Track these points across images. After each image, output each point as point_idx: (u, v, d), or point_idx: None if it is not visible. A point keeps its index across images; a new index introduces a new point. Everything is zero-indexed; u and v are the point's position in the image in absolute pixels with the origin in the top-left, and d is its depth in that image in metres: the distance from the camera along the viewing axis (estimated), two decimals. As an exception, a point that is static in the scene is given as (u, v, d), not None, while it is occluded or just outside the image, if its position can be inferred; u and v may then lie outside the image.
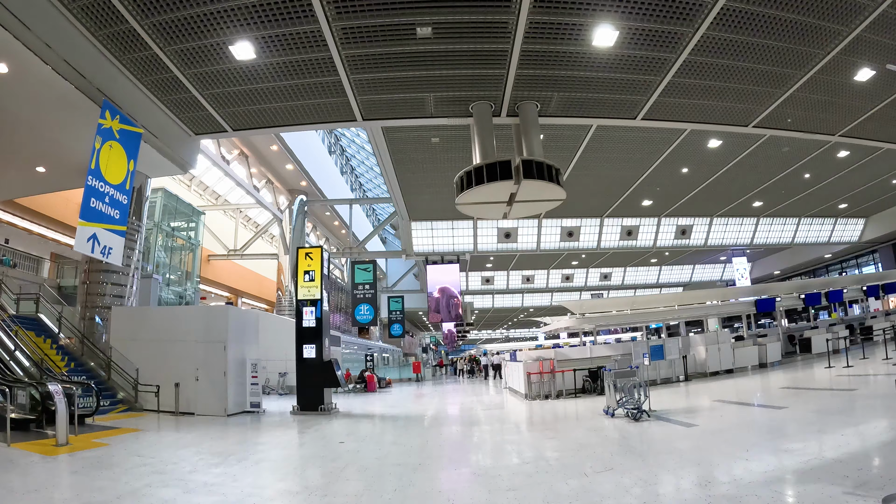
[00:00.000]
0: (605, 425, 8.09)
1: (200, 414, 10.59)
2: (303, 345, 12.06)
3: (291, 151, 21.83)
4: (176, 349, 11.05)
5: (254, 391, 11.73)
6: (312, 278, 12.34)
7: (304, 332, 12.17)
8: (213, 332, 11.27)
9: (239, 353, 11.71)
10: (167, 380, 10.60)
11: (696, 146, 15.93)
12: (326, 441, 8.00)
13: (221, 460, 6.19)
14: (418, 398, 17.33)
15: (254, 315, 13.87)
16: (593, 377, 12.80)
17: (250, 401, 11.65)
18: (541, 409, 11.29)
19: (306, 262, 12.41)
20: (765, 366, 14.35)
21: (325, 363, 12.08)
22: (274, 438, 8.41)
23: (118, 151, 10.08)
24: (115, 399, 10.91)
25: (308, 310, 12.28)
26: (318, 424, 9.86)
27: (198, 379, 10.72)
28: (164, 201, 16.72)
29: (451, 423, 10.05)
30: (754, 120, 12.71)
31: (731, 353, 13.71)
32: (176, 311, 12.20)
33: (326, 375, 11.98)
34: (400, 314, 33.31)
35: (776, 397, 9.71)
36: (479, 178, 9.16)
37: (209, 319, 11.72)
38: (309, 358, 11.99)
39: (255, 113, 11.63)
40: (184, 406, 10.60)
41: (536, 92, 10.33)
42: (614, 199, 20.41)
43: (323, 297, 12.40)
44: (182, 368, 10.69)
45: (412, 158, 15.58)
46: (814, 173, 19.62)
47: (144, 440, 7.70)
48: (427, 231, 22.21)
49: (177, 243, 17.58)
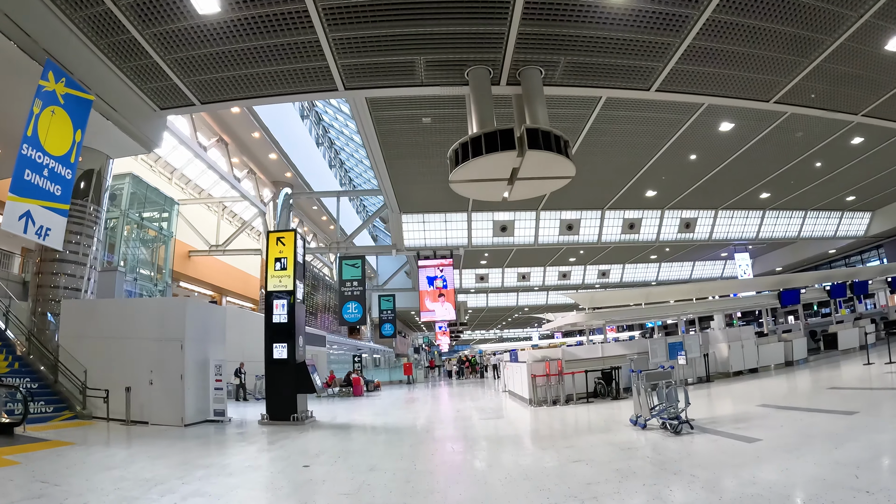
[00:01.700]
0: (640, 441, 6.63)
1: (155, 423, 9.23)
2: (273, 343, 10.57)
3: (274, 139, 20.53)
4: (128, 348, 9.70)
5: (217, 397, 10.28)
6: (284, 266, 10.87)
7: (275, 329, 10.68)
8: (168, 329, 9.87)
9: (200, 353, 10.30)
10: (118, 383, 9.23)
11: (707, 130, 14.85)
12: (288, 463, 6.58)
13: (142, 493, 4.82)
14: (408, 403, 15.95)
15: (219, 311, 12.33)
16: (606, 379, 11.47)
17: (214, 408, 10.23)
18: (549, 417, 9.88)
19: (277, 249, 10.96)
20: (791, 363, 13.22)
21: (299, 365, 10.65)
22: (225, 459, 6.95)
23: (62, 119, 8.76)
24: (62, 405, 9.56)
25: (279, 303, 10.77)
26: (287, 438, 8.46)
27: (152, 383, 9.35)
28: (132, 188, 15.33)
29: (445, 439, 8.44)
30: (776, 94, 11.64)
31: (756, 350, 12.53)
32: (128, 305, 10.71)
33: (300, 379, 10.53)
34: (391, 313, 32.03)
35: (833, 400, 8.29)
36: (476, 149, 7.95)
37: (164, 314, 10.29)
38: (280, 359, 10.51)
39: (224, 82, 10.36)
40: (136, 414, 9.22)
41: (541, 55, 9.16)
42: (616, 190, 19.31)
43: (297, 289, 10.94)
44: (135, 370, 9.34)
45: (402, 142, 14.35)
46: (825, 162, 18.66)
47: (68, 458, 6.31)
48: (418, 224, 20.97)
49: (148, 235, 16.20)
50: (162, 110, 11.94)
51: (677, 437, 6.52)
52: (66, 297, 11.07)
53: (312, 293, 31.48)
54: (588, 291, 28.02)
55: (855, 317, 17.63)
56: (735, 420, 7.45)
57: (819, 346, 15.83)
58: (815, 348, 15.86)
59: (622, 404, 10.47)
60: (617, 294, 23.30)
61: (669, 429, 6.82)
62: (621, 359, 11.41)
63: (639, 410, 7.51)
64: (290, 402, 10.35)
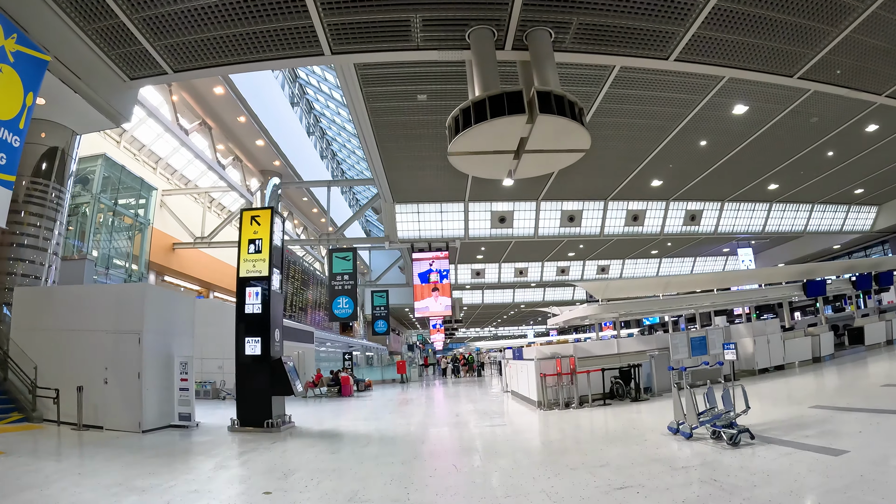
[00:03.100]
0: (691, 456, 5.43)
1: (111, 428, 8.18)
2: (245, 337, 9.36)
3: (261, 124, 19.49)
4: (82, 342, 8.60)
5: (183, 399, 9.11)
6: (259, 249, 9.63)
7: (247, 321, 9.47)
8: (125, 320, 8.72)
9: (161, 348, 9.15)
10: (70, 382, 8.16)
11: (720, 112, 14.01)
12: (246, 487, 5.34)
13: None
14: (401, 405, 14.74)
15: (186, 300, 11.10)
16: (625, 378, 10.37)
17: (179, 411, 9.08)
18: (565, 423, 8.66)
19: (252, 229, 9.72)
20: (818, 360, 12.36)
21: (274, 362, 9.49)
22: (171, 479, 5.54)
23: (10, 78, 7.72)
24: (11, 406, 8.49)
25: (253, 291, 9.53)
26: (255, 451, 7.29)
27: (106, 382, 8.27)
28: (105, 171, 14.19)
29: (445, 452, 7.13)
30: (801, 69, 10.76)
31: (782, 345, 11.64)
32: (82, 292, 9.43)
33: (275, 379, 9.31)
34: (384, 310, 31.03)
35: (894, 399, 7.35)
36: (480, 114, 6.98)
37: (121, 302, 9.10)
38: (252, 355, 9.30)
39: (198, 46, 9.33)
40: (89, 417, 8.15)
41: (551, 14, 8.21)
42: (621, 179, 18.43)
43: (273, 275, 9.72)
44: (88, 367, 8.28)
45: (395, 122, 13.38)
46: (837, 151, 17.91)
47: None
48: (413, 215, 19.99)
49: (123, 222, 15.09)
50: (132, 80, 10.87)
51: (736, 450, 5.35)
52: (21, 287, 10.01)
53: (302, 288, 30.42)
54: (602, 280, 26.58)
55: (881, 310, 16.83)
56: (796, 426, 6.35)
57: (843, 342, 15.00)
58: (838, 343, 15.02)
59: (643, 407, 9.49)
60: (634, 283, 22.14)
61: (725, 438, 5.60)
62: (639, 355, 10.42)
63: (680, 416, 6.27)
64: (264, 406, 9.12)
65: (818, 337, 12.55)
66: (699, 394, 6.05)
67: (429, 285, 20.46)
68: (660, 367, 10.36)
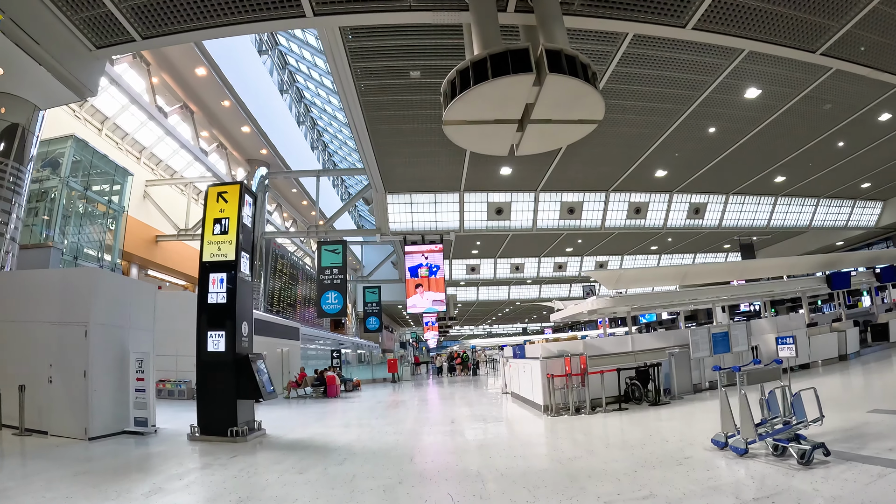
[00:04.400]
0: (759, 483, 4.36)
1: (56, 434, 7.21)
2: (207, 331, 8.27)
3: (247, 109, 18.57)
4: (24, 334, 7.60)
5: (139, 401, 8.04)
6: (226, 230, 8.46)
7: (210, 312, 8.35)
8: (70, 309, 7.70)
9: (115, 343, 8.12)
10: (12, 380, 7.18)
11: (732, 96, 13.24)
12: None
13: None
14: (391, 409, 13.49)
15: (146, 288, 9.87)
16: (642, 379, 9.35)
17: (134, 416, 8.03)
18: (579, 433, 7.54)
19: (217, 207, 8.56)
20: (844, 358, 11.59)
21: (240, 359, 8.36)
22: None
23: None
24: (-50, 406, 7.55)
25: (217, 277, 8.34)
26: (208, 468, 6.20)
27: (51, 381, 7.32)
28: (75, 153, 13.14)
29: (436, 475, 5.67)
30: (825, 43, 10.01)
31: (807, 342, 10.82)
32: (27, 278, 8.27)
33: (241, 380, 8.19)
34: (377, 306, 30.18)
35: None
36: (480, 74, 6.11)
37: (66, 289, 8.04)
38: (215, 352, 8.19)
39: (168, 8, 8.42)
40: (33, 421, 7.18)
41: (559, -29, 7.37)
42: (624, 169, 17.64)
43: (241, 260, 8.60)
44: (31, 364, 7.32)
45: (386, 102, 12.49)
46: (848, 141, 17.23)
47: None
48: (405, 206, 19.09)
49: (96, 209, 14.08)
50: (98, 49, 9.94)
51: (811, 471, 4.34)
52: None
53: (291, 283, 29.46)
54: (615, 270, 25.33)
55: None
56: (865, 436, 5.37)
57: (865, 338, 14.25)
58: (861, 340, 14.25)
59: (666, 413, 8.52)
60: (648, 273, 21.07)
61: (795, 456, 4.57)
62: (656, 354, 9.47)
63: (729, 426, 5.26)
64: (229, 411, 8.00)
65: (844, 333, 11.76)
66: (750, 398, 4.97)
67: (418, 279, 19.51)
68: (680, 367, 9.46)
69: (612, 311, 15.25)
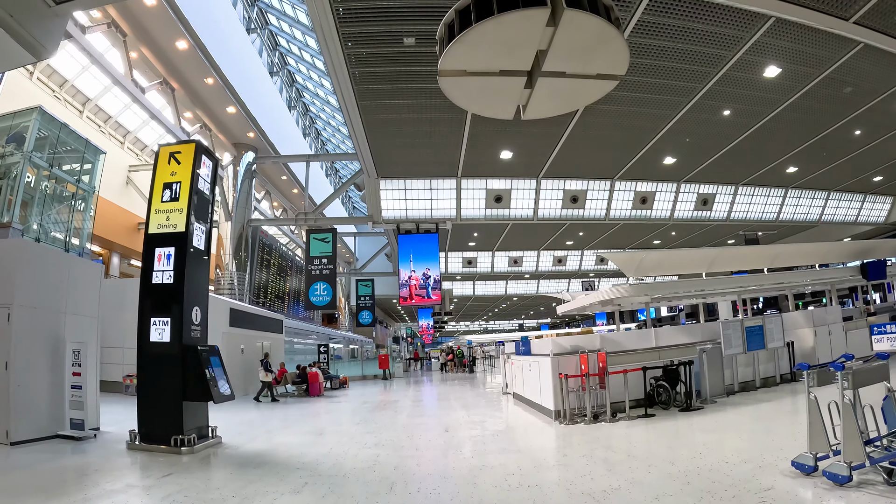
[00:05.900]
0: None
1: (-22, 437, 6.19)
2: (150, 318, 6.96)
3: (231, 87, 17.51)
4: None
5: (75, 399, 6.91)
6: (176, 196, 7.20)
7: (154, 295, 7.05)
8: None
9: (46, 329, 6.95)
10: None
11: (750, 74, 12.31)
12: None
13: None
14: (376, 411, 12.08)
15: (90, 267, 8.62)
16: (670, 379, 8.18)
17: (70, 417, 6.90)
18: (603, 449, 6.20)
19: (168, 170, 7.28)
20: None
21: (188, 352, 7.00)
22: None
23: None
24: None
25: (163, 252, 7.07)
26: (125, 493, 4.88)
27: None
28: (40, 127, 12.03)
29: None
30: (859, 10, 9.11)
31: (844, 338, 9.90)
32: None
33: (188, 377, 6.89)
34: (370, 300, 29.21)
35: None
36: (484, 8, 5.13)
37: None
38: (159, 343, 6.90)
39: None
40: (-47, 419, 6.17)
41: None
42: (630, 156, 16.71)
43: (194, 232, 7.31)
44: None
45: (378, 73, 11.49)
46: (866, 130, 16.39)
47: None
48: (399, 192, 18.12)
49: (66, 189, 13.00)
50: (57, 5, 8.88)
51: None
52: None
53: (280, 274, 28.42)
54: (636, 252, 23.75)
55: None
56: None
57: (896, 334, 13.42)
58: None
59: (701, 421, 7.19)
60: (673, 256, 19.65)
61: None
62: (683, 350, 8.23)
63: (821, 445, 4.10)
64: (173, 415, 6.76)
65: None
66: (827, 404, 3.90)
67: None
68: (712, 365, 8.27)
69: (629, 301, 14.11)
